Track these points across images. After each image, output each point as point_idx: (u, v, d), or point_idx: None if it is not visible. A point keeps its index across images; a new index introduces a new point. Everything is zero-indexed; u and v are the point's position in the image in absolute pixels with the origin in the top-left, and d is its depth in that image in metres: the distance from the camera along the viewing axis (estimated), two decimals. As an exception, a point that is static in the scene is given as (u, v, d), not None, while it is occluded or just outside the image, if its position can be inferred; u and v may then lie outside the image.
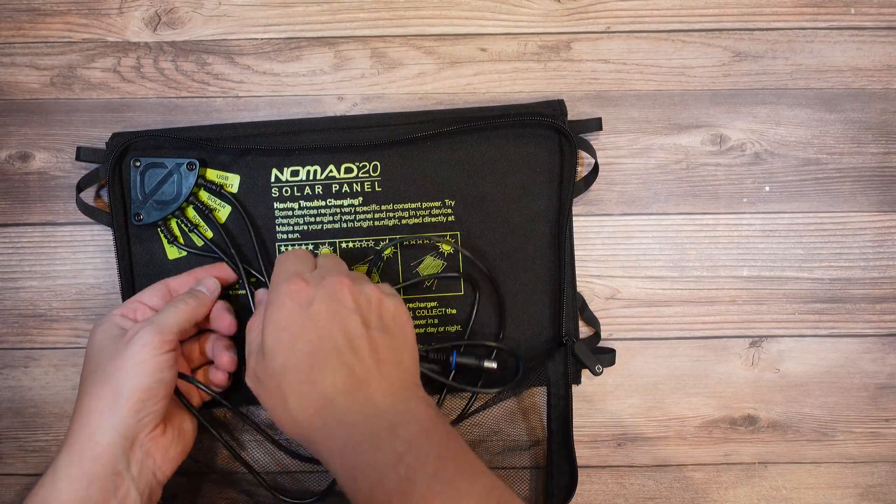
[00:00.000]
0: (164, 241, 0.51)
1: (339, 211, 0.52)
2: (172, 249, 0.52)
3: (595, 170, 0.53)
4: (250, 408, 0.53)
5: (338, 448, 0.39)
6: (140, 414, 0.42)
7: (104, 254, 0.54)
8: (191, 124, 0.53)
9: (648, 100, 0.54)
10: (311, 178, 0.52)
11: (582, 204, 0.54)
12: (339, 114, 0.54)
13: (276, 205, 0.52)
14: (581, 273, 0.54)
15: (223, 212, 0.52)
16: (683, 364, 0.54)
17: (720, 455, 0.54)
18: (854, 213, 0.54)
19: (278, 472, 0.52)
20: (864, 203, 0.54)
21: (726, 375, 0.54)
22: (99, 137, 0.53)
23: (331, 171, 0.52)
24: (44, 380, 0.54)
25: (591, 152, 0.53)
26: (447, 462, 0.38)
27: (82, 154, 0.52)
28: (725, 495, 0.54)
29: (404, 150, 0.52)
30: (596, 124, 0.53)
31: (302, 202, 0.52)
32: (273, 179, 0.52)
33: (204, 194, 0.52)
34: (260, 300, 0.49)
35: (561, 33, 0.54)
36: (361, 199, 0.52)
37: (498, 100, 0.54)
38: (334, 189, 0.52)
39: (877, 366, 0.54)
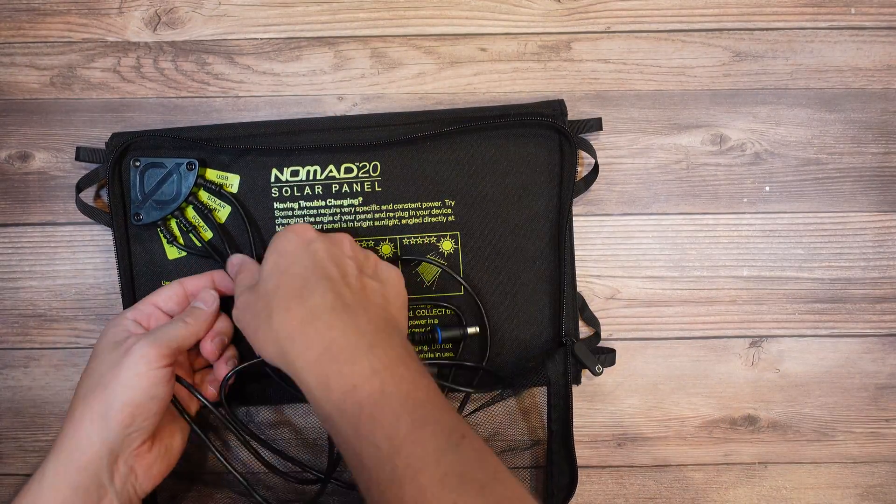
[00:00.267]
0: (164, 241, 0.51)
1: (339, 211, 0.52)
2: (172, 249, 0.52)
3: (595, 170, 0.53)
4: (249, 409, 0.53)
5: (314, 356, 0.39)
6: (129, 429, 0.42)
7: (104, 254, 0.54)
8: (191, 124, 0.53)
9: (648, 100, 0.54)
10: (310, 178, 0.52)
11: (582, 204, 0.54)
12: (339, 114, 0.54)
13: (275, 205, 0.52)
14: (581, 273, 0.54)
15: (223, 212, 0.52)
16: (683, 364, 0.54)
17: (720, 455, 0.54)
18: (854, 213, 0.54)
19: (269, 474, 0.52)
20: (864, 203, 0.54)
21: (726, 375, 0.54)
22: (99, 137, 0.53)
23: (331, 171, 0.52)
24: (44, 380, 0.54)
25: (591, 152, 0.53)
26: (419, 390, 0.39)
27: (82, 154, 0.52)
28: (725, 495, 0.54)
29: (404, 150, 0.52)
30: (596, 124, 0.53)
31: (302, 202, 0.52)
32: (273, 179, 0.52)
33: (203, 194, 0.52)
34: (234, 263, 0.49)
35: (561, 33, 0.54)
36: (361, 199, 0.52)
37: (498, 100, 0.54)
38: (334, 189, 0.52)
39: (877, 366, 0.54)
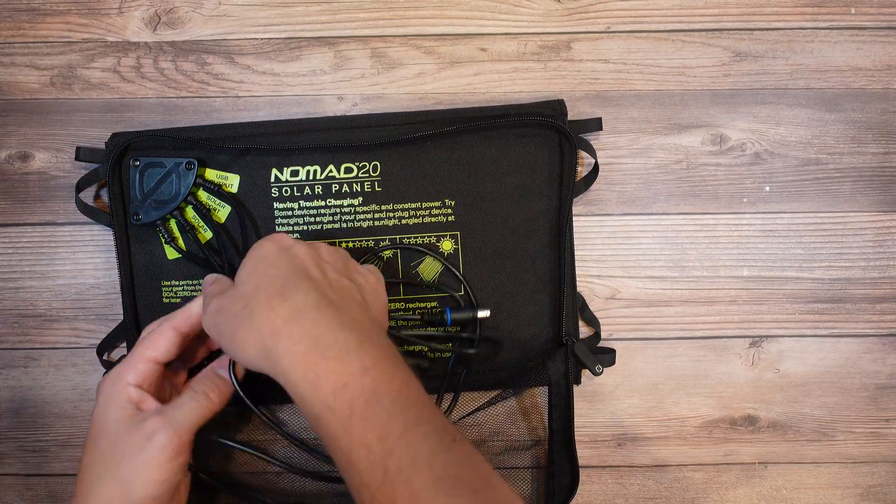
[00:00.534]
0: (162, 241, 0.51)
1: (338, 211, 0.52)
2: (171, 249, 0.52)
3: (595, 170, 0.53)
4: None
5: (302, 352, 0.38)
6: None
7: (104, 254, 0.54)
8: (191, 124, 0.53)
9: (648, 100, 0.54)
10: (310, 178, 0.52)
11: (582, 204, 0.54)
12: (339, 114, 0.54)
13: (275, 205, 0.52)
14: (581, 273, 0.54)
15: (223, 212, 0.52)
16: (683, 364, 0.54)
17: (720, 455, 0.54)
18: (854, 213, 0.54)
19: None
20: (864, 203, 0.54)
21: (726, 375, 0.54)
22: (99, 137, 0.53)
23: (331, 171, 0.52)
24: (44, 380, 0.54)
25: (591, 152, 0.53)
26: (410, 390, 0.38)
27: (82, 154, 0.52)
28: (725, 495, 0.54)
29: (404, 149, 0.52)
30: (596, 124, 0.53)
31: (302, 202, 0.52)
32: (273, 179, 0.52)
33: (203, 194, 0.52)
34: (207, 281, 0.46)
35: (561, 33, 0.54)
36: (361, 199, 0.52)
37: (498, 100, 0.54)
38: (334, 189, 0.52)
39: (877, 366, 0.54)
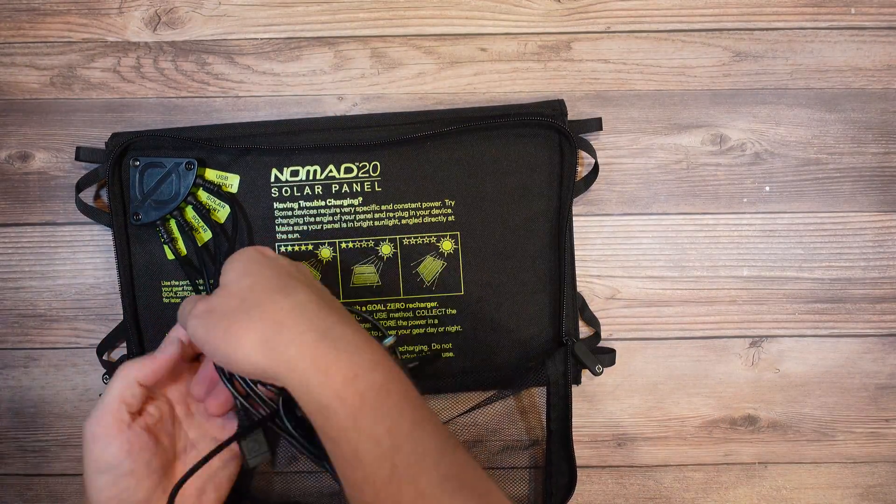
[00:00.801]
0: (161, 241, 0.51)
1: (338, 211, 0.52)
2: (170, 250, 0.52)
3: (595, 170, 0.53)
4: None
5: (311, 342, 0.37)
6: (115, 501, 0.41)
7: (104, 254, 0.54)
8: (191, 124, 0.53)
9: (648, 100, 0.54)
10: (310, 178, 0.52)
11: (582, 204, 0.54)
12: (339, 114, 0.54)
13: (275, 205, 0.52)
14: (581, 273, 0.54)
15: (223, 212, 0.52)
16: (683, 364, 0.54)
17: (720, 455, 0.54)
18: (854, 213, 0.54)
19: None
20: (864, 203, 0.54)
21: (726, 375, 0.54)
22: (99, 137, 0.53)
23: (330, 171, 0.52)
24: (44, 380, 0.54)
25: (591, 152, 0.53)
26: (413, 390, 0.39)
27: (82, 154, 0.52)
28: (725, 495, 0.54)
29: (404, 149, 0.52)
30: (596, 124, 0.53)
31: (302, 202, 0.52)
32: (273, 179, 0.52)
33: (203, 194, 0.52)
34: (183, 304, 0.43)
35: (561, 33, 0.54)
36: (361, 199, 0.52)
37: (498, 100, 0.54)
38: (334, 189, 0.52)
39: (877, 366, 0.54)
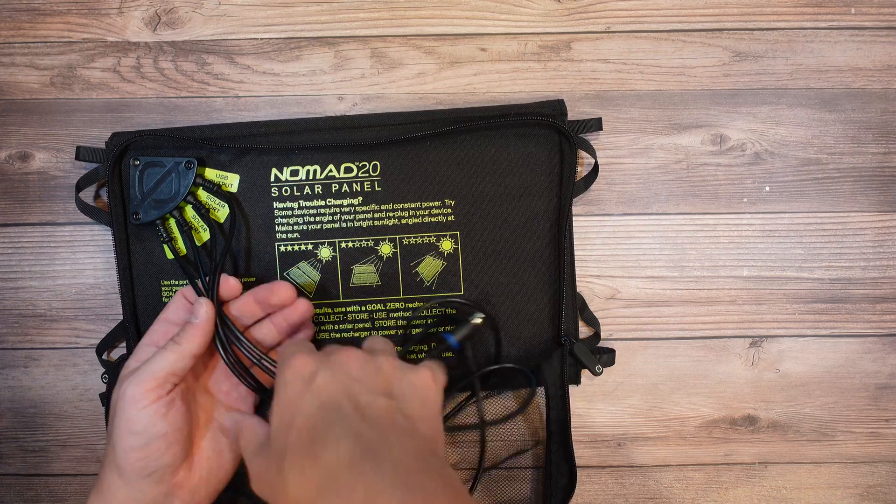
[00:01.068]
0: (161, 239, 0.51)
1: (338, 211, 0.52)
2: (169, 249, 0.52)
3: (595, 170, 0.53)
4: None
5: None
6: (146, 472, 0.41)
7: (104, 254, 0.54)
8: (191, 124, 0.53)
9: (648, 100, 0.54)
10: (310, 177, 0.52)
11: (582, 204, 0.54)
12: (339, 114, 0.54)
13: (275, 204, 0.52)
14: (581, 273, 0.54)
15: (222, 211, 0.52)
16: (683, 364, 0.54)
17: (720, 455, 0.54)
18: (854, 213, 0.54)
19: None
20: (864, 203, 0.54)
21: (726, 375, 0.54)
22: (99, 137, 0.53)
23: (330, 170, 0.52)
24: (44, 380, 0.54)
25: (591, 152, 0.53)
26: None
27: (82, 153, 0.52)
28: (725, 495, 0.54)
29: (404, 149, 0.52)
30: (596, 124, 0.53)
31: (301, 202, 0.52)
32: (273, 179, 0.52)
33: (203, 194, 0.52)
34: (235, 424, 0.42)
35: (561, 33, 0.54)
36: (361, 198, 0.52)
37: (498, 100, 0.54)
38: (334, 189, 0.52)
39: (877, 366, 0.54)
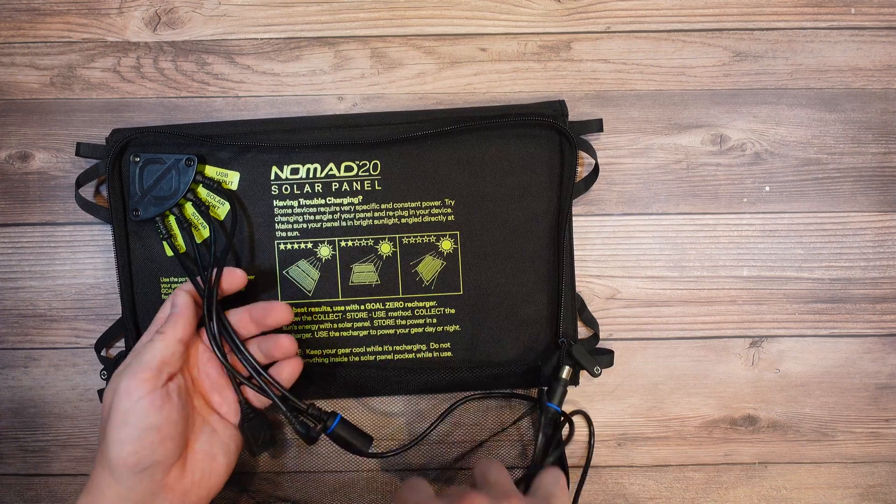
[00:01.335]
0: (160, 237, 0.51)
1: (338, 209, 0.52)
2: (168, 246, 0.52)
3: (595, 170, 0.53)
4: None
5: None
6: (139, 468, 0.40)
7: (104, 254, 0.54)
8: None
9: (648, 100, 0.54)
10: (310, 176, 0.52)
11: (582, 204, 0.54)
12: (339, 113, 0.54)
13: (275, 202, 0.52)
14: (581, 273, 0.54)
15: (222, 209, 0.52)
16: (683, 364, 0.54)
17: (720, 455, 0.54)
18: (854, 213, 0.54)
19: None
20: (864, 203, 0.54)
21: (726, 375, 0.54)
22: (99, 137, 0.53)
23: (331, 169, 0.52)
24: (44, 380, 0.54)
25: (592, 153, 0.53)
26: None
27: (82, 150, 0.52)
28: (725, 495, 0.54)
29: (404, 149, 0.52)
30: (597, 125, 0.53)
31: (301, 200, 0.52)
32: (273, 177, 0.52)
33: (203, 191, 0.52)
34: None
35: (561, 33, 0.55)
36: (361, 197, 0.52)
37: (498, 100, 0.54)
38: (334, 187, 0.52)
39: (877, 366, 0.54)
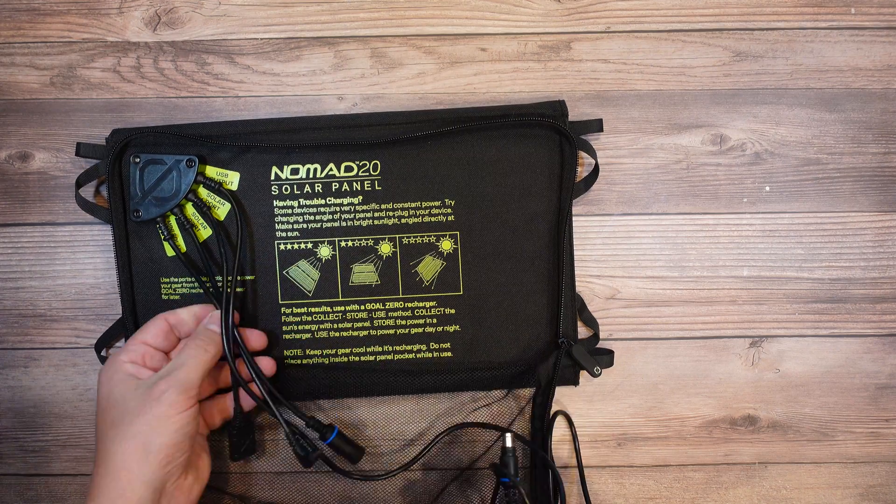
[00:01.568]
0: (161, 237, 0.51)
1: (338, 209, 0.52)
2: (171, 247, 0.52)
3: (595, 171, 0.53)
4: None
5: None
6: (168, 466, 0.44)
7: (104, 254, 0.54)
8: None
9: (648, 100, 0.54)
10: (310, 176, 0.52)
11: (582, 204, 0.54)
12: (339, 113, 0.54)
13: (275, 202, 0.52)
14: (581, 273, 0.54)
15: (223, 209, 0.52)
16: (683, 364, 0.54)
17: (720, 455, 0.54)
18: (854, 213, 0.54)
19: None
20: (864, 203, 0.54)
21: (726, 375, 0.54)
22: (99, 137, 0.53)
23: (331, 169, 0.52)
24: (44, 380, 0.54)
25: (592, 153, 0.53)
26: None
27: (82, 150, 0.52)
28: (725, 495, 0.54)
29: (404, 149, 0.52)
30: (597, 126, 0.53)
31: (302, 200, 0.52)
32: (273, 177, 0.52)
33: (203, 191, 0.52)
34: None
35: (561, 33, 0.55)
36: (361, 197, 0.52)
37: (498, 100, 0.54)
38: (334, 187, 0.52)
39: (877, 366, 0.54)
